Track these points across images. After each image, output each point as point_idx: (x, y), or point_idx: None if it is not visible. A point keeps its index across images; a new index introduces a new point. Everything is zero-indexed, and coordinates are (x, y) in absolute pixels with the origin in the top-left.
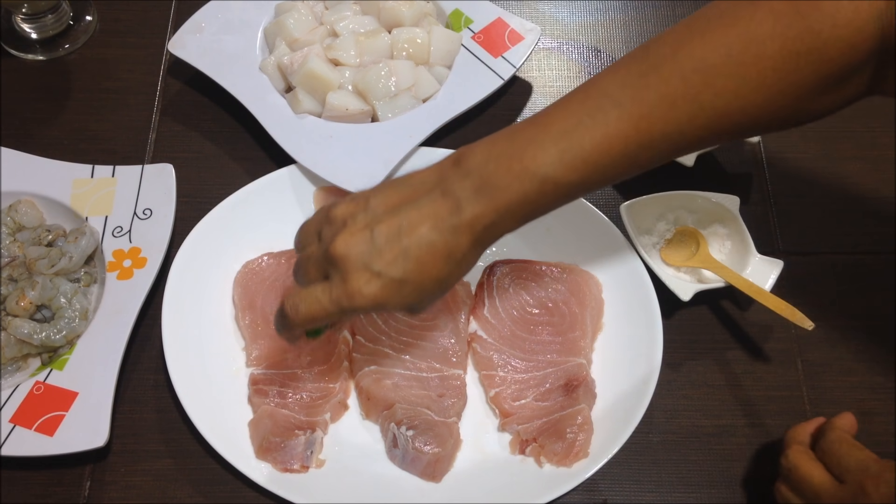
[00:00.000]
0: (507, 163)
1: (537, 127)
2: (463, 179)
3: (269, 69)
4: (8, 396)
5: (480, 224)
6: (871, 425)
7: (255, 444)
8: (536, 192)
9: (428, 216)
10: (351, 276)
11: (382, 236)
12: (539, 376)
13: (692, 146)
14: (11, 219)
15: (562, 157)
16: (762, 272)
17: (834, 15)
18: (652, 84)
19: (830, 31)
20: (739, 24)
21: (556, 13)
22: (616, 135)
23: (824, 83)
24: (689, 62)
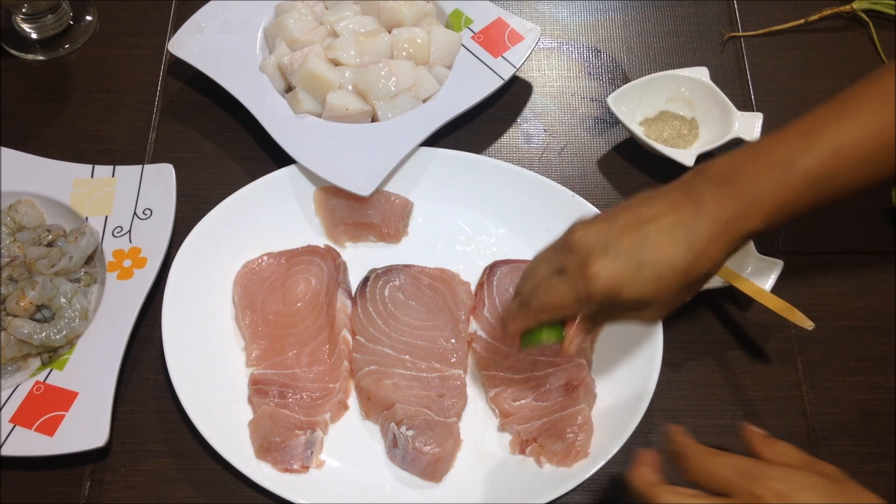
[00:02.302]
0: (752, 158)
1: (785, 130)
2: (706, 180)
3: (269, 69)
4: (8, 396)
5: (723, 216)
6: (871, 425)
7: (255, 444)
8: (783, 182)
9: (668, 208)
10: (589, 258)
11: (621, 224)
12: (539, 376)
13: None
14: (11, 219)
15: (812, 149)
16: (762, 272)
17: None
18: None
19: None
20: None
21: (556, 13)
22: (868, 128)
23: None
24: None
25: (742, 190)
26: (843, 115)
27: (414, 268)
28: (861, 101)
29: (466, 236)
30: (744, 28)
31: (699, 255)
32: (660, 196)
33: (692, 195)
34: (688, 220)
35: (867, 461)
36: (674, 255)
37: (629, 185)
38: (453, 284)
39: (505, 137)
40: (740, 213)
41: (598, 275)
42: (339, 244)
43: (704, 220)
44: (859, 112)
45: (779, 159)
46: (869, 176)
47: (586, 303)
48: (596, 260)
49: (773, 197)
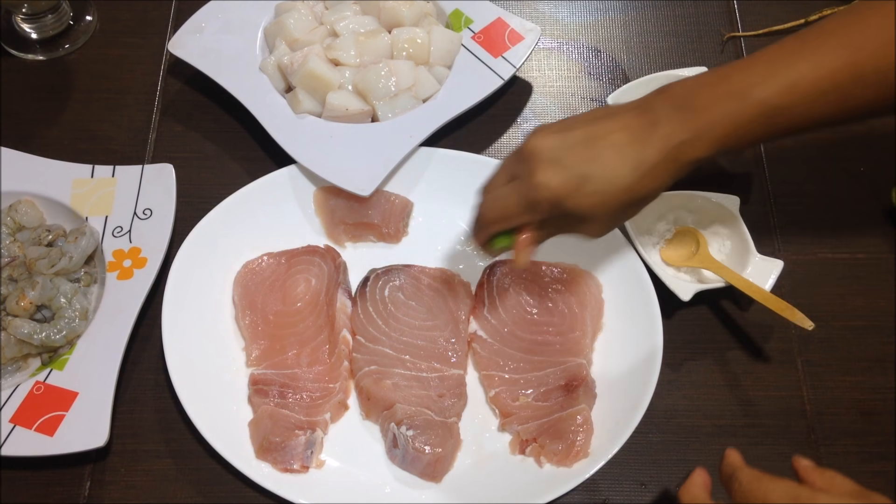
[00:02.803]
0: (712, 86)
1: (748, 59)
2: (664, 101)
3: (269, 69)
4: (8, 396)
5: (675, 139)
6: (871, 425)
7: (255, 444)
8: (738, 111)
9: (623, 126)
10: (538, 167)
11: (575, 137)
12: (539, 376)
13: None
14: (11, 219)
15: (771, 79)
16: (762, 272)
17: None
18: (868, 17)
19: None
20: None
21: (556, 13)
22: (828, 63)
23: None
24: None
25: (697, 115)
26: (805, 49)
27: (414, 268)
28: (825, 37)
29: (466, 236)
30: (744, 28)
31: (645, 175)
32: (618, 112)
33: (649, 115)
34: (639, 140)
35: (867, 461)
36: (620, 172)
37: None
38: (453, 284)
39: (505, 137)
40: (692, 137)
41: (544, 183)
42: (339, 244)
43: (656, 141)
44: (822, 48)
45: (737, 87)
46: (823, 113)
47: (532, 211)
48: (544, 169)
49: (726, 124)
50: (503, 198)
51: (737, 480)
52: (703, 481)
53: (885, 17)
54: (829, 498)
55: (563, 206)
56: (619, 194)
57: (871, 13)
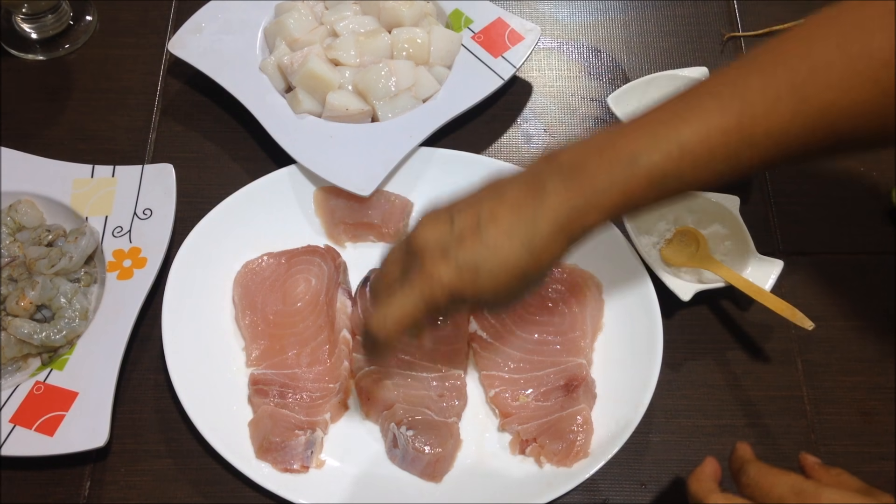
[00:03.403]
0: (598, 151)
1: (635, 121)
2: (552, 170)
3: (269, 69)
4: (8, 396)
5: (564, 211)
6: (871, 425)
7: (255, 444)
8: (627, 178)
9: (510, 205)
10: (428, 262)
11: (462, 225)
12: (539, 376)
13: (798, 151)
14: (11, 219)
15: (657, 144)
16: (762, 272)
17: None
18: (754, 78)
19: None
20: (847, 16)
21: (556, 13)
22: (716, 126)
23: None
24: (794, 53)
25: (586, 184)
26: (689, 111)
27: None
28: (709, 97)
29: None
30: (744, 28)
31: (539, 254)
32: (504, 189)
33: (536, 188)
34: (527, 219)
35: (867, 461)
36: (511, 257)
37: None
38: None
39: (505, 137)
40: (582, 208)
41: (438, 278)
42: (339, 244)
43: (545, 216)
44: (706, 109)
45: (624, 154)
46: (712, 174)
47: (431, 308)
48: (435, 264)
49: (615, 192)
50: (400, 305)
51: (745, 473)
52: (713, 470)
53: (769, 74)
54: (833, 493)
55: (461, 297)
56: (515, 275)
57: (755, 68)
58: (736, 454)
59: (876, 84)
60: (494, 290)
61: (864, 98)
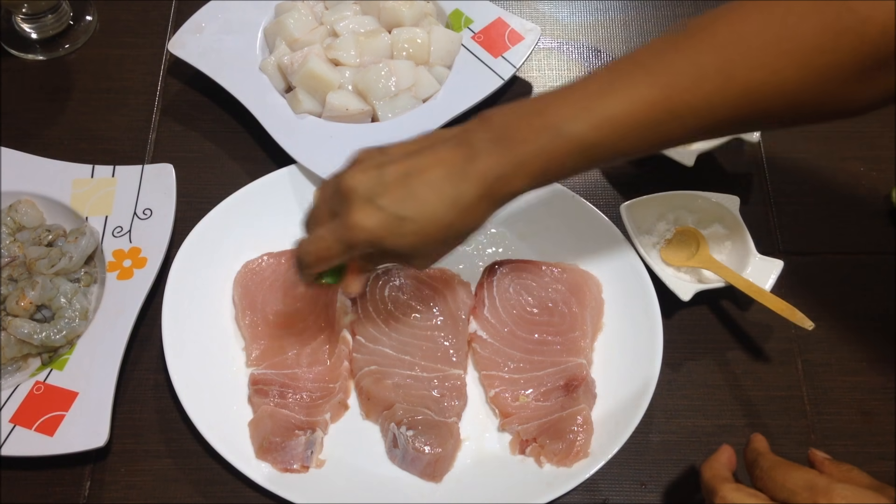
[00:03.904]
0: (528, 117)
1: (565, 90)
2: (483, 132)
3: (269, 69)
4: (8, 396)
5: (492, 174)
6: (871, 425)
7: (255, 444)
8: (554, 146)
9: (440, 161)
10: (354, 207)
11: (391, 174)
12: (539, 376)
13: (721, 127)
14: (11, 219)
15: (585, 114)
16: (762, 272)
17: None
18: (684, 52)
19: (870, 10)
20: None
21: (556, 13)
22: (642, 99)
23: (862, 65)
24: (723, 33)
25: (514, 149)
26: (618, 83)
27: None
28: (638, 72)
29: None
30: None
31: (463, 211)
32: (437, 144)
33: (467, 148)
34: (456, 176)
35: (867, 461)
36: (437, 211)
37: (629, 185)
38: (453, 284)
39: None
40: (509, 171)
41: (360, 225)
42: None
43: (473, 177)
44: (634, 83)
45: (552, 121)
46: (638, 146)
47: (351, 250)
48: (359, 209)
49: (542, 158)
50: (321, 239)
51: (758, 466)
52: (728, 459)
53: (698, 51)
54: (845, 490)
55: (381, 246)
56: (438, 232)
57: (685, 45)
58: (751, 445)
59: (803, 67)
60: (414, 243)
61: (791, 79)
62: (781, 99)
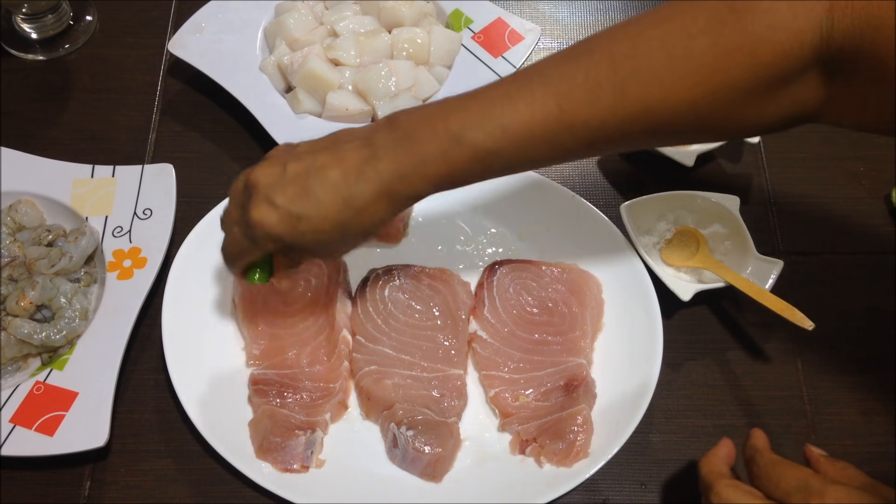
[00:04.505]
0: (430, 121)
1: (469, 96)
2: (388, 133)
3: (269, 69)
4: (8, 396)
5: (391, 174)
6: (871, 425)
7: (255, 444)
8: (452, 152)
9: (340, 160)
10: (254, 203)
11: (292, 172)
12: (539, 376)
13: (617, 141)
14: (11, 219)
15: (482, 123)
16: (762, 272)
17: (769, 17)
18: (581, 65)
19: (764, 32)
20: (675, 18)
21: (556, 13)
22: (538, 110)
23: (756, 87)
24: (619, 48)
25: (414, 152)
26: (517, 94)
27: (414, 268)
28: (537, 83)
29: (466, 236)
30: None
31: (358, 211)
32: (340, 144)
33: (369, 148)
34: (352, 177)
35: (867, 461)
36: (330, 210)
37: (629, 185)
38: (453, 284)
39: None
40: (408, 172)
41: (258, 221)
42: None
43: (369, 178)
44: (533, 94)
45: (453, 127)
46: (534, 157)
47: (258, 246)
48: (258, 205)
49: (439, 164)
50: (232, 235)
51: (756, 464)
52: (727, 454)
53: (594, 65)
54: (839, 491)
55: (283, 242)
56: (333, 229)
57: (584, 58)
58: (750, 441)
59: (696, 86)
60: (314, 240)
61: (685, 98)
62: (676, 116)
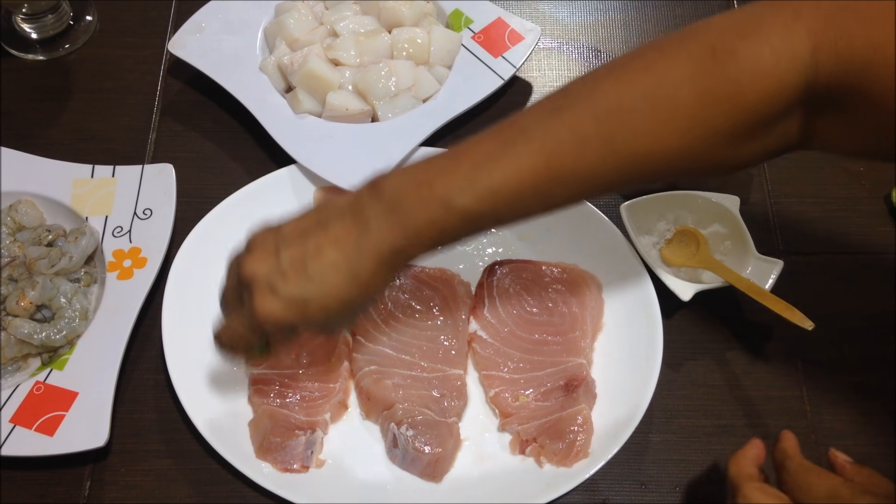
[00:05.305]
0: (417, 189)
1: (452, 157)
2: (375, 203)
3: (269, 69)
4: (8, 396)
5: (386, 247)
6: (871, 425)
7: (255, 444)
8: (443, 218)
9: (335, 238)
10: (256, 296)
11: (288, 260)
12: (539, 376)
13: (608, 187)
14: (11, 219)
15: (471, 187)
16: (762, 272)
17: (752, 64)
18: (565, 121)
19: (748, 79)
20: (657, 67)
21: (556, 13)
22: (526, 169)
23: (741, 131)
24: (603, 102)
25: (405, 222)
26: (502, 154)
27: (414, 268)
28: (522, 141)
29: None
30: None
31: (363, 284)
32: (328, 222)
33: (359, 221)
34: (351, 253)
35: (867, 461)
36: (337, 289)
37: None
38: (453, 284)
39: None
40: (403, 244)
41: (265, 314)
42: None
43: (367, 251)
44: (518, 153)
45: (440, 193)
46: (525, 212)
47: (265, 334)
48: (262, 298)
49: (433, 230)
50: (234, 330)
51: (785, 469)
52: (756, 454)
53: (578, 120)
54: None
55: (292, 327)
56: (343, 306)
57: (567, 112)
58: (780, 445)
59: (683, 134)
60: (322, 319)
61: (673, 147)
62: (666, 162)
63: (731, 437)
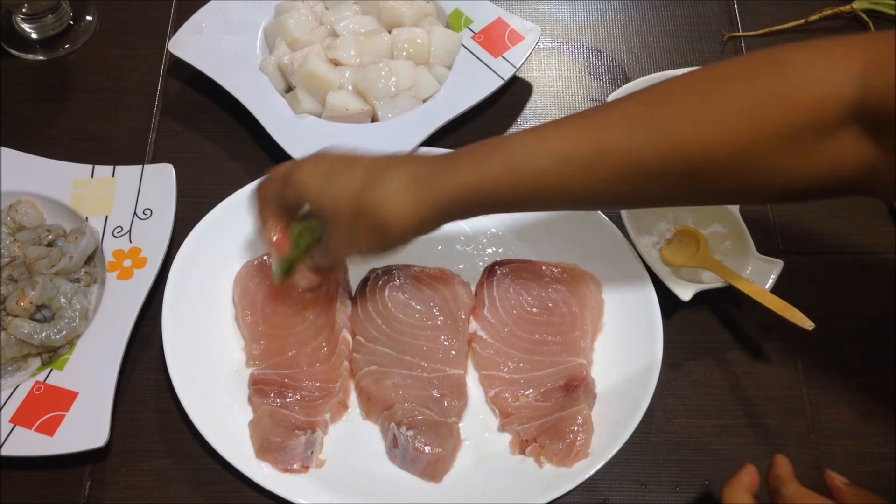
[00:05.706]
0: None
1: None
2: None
3: (269, 69)
4: (8, 396)
5: (458, 190)
6: (871, 425)
7: (255, 444)
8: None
9: (409, 169)
10: (301, 165)
11: (364, 165)
12: (539, 376)
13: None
14: (11, 219)
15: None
16: (762, 272)
17: (807, 69)
18: (617, 107)
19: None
20: (711, 69)
21: (556, 13)
22: (577, 134)
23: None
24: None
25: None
26: (554, 126)
27: (414, 268)
28: (574, 118)
29: (466, 236)
30: (744, 28)
31: (417, 219)
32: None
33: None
34: (421, 186)
35: (867, 461)
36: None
37: None
38: (453, 284)
39: None
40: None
41: (300, 177)
42: None
43: (436, 188)
44: (571, 124)
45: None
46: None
47: (284, 196)
48: (304, 167)
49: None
50: (269, 180)
51: (781, 496)
52: (751, 482)
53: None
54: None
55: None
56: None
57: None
58: (774, 471)
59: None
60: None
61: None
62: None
63: (731, 437)
